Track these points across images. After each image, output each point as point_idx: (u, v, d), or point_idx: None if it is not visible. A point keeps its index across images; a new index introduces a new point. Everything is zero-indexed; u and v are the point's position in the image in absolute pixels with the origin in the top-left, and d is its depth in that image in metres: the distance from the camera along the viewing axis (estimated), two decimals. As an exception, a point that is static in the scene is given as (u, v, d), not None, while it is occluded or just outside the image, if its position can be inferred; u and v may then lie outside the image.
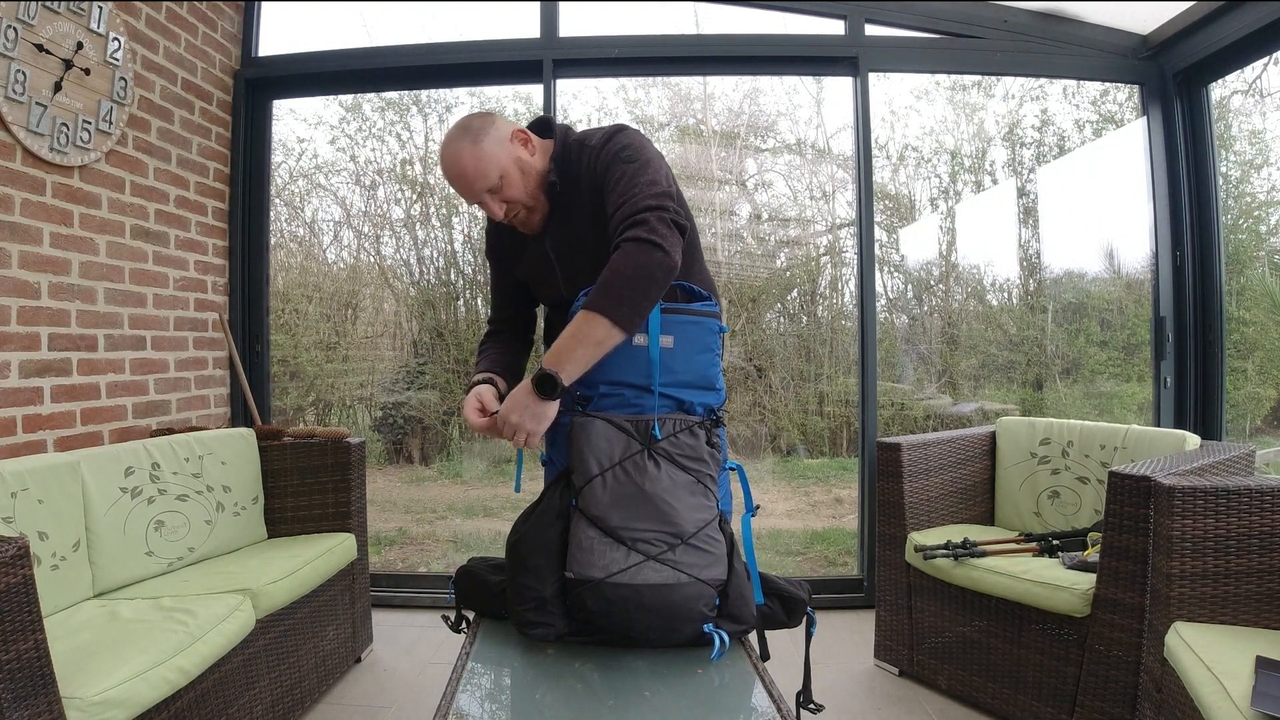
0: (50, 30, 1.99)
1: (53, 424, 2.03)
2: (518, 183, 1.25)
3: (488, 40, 2.87)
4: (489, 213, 1.27)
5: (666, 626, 1.08)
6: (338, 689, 2.17)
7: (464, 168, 1.23)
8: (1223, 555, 1.38)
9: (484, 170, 1.22)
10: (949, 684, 2.06)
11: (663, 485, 1.12)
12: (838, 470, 3.90)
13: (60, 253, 2.07)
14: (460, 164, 1.23)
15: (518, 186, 1.25)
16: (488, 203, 1.26)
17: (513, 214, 1.29)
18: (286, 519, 2.31)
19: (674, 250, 1.10)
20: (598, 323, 1.08)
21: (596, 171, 1.23)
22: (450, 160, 1.24)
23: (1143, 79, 2.81)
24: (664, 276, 1.09)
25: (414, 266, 3.96)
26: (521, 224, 1.31)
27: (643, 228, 1.10)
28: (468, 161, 1.22)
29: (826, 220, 3.94)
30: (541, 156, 1.29)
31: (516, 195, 1.26)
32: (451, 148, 1.24)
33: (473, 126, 1.24)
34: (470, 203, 1.28)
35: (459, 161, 1.23)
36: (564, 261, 1.32)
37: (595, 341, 1.09)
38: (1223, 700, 1.11)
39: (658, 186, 1.15)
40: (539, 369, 1.12)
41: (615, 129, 1.26)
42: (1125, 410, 3.43)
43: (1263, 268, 3.11)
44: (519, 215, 1.29)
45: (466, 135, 1.23)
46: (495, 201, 1.26)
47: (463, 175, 1.23)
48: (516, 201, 1.27)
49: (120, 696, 1.26)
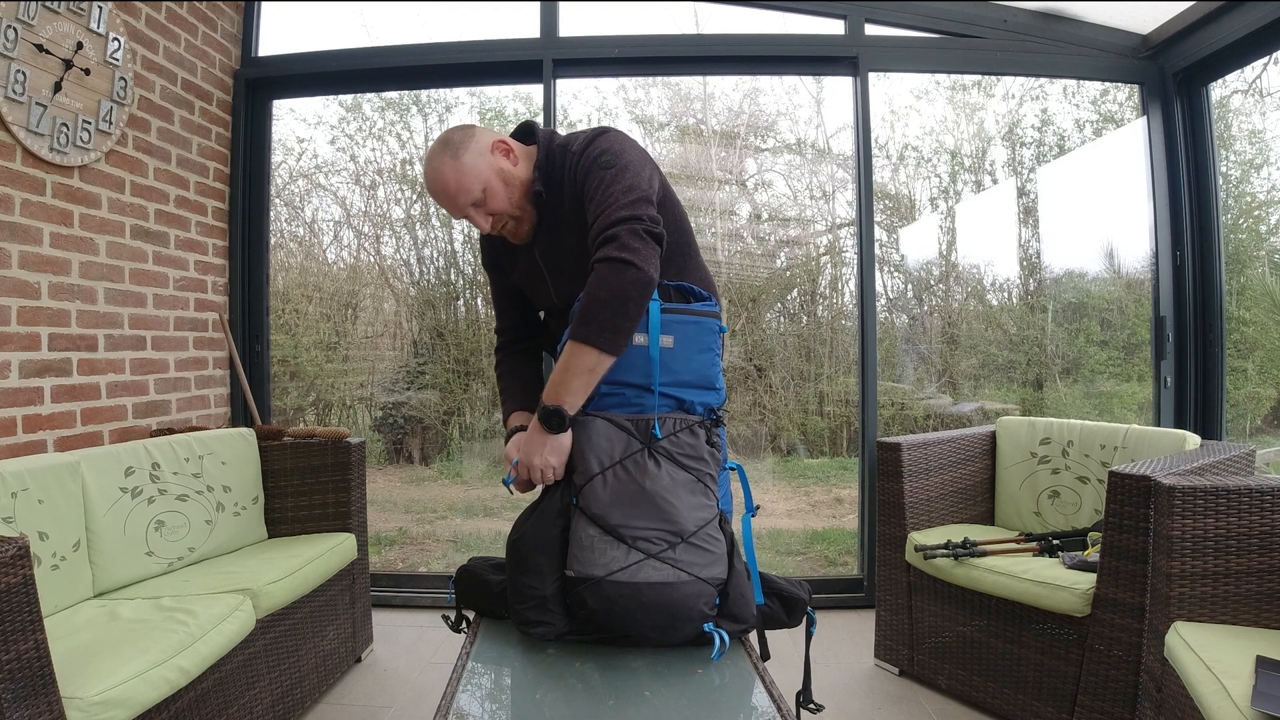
0: (50, 30, 1.99)
1: (53, 424, 2.03)
2: (501, 194, 1.24)
3: (488, 40, 2.87)
4: (476, 226, 1.27)
5: (666, 625, 1.09)
6: (338, 689, 2.17)
7: (446, 183, 1.22)
8: (1223, 555, 1.38)
9: (466, 185, 1.21)
10: (949, 684, 2.06)
11: (663, 484, 1.13)
12: (838, 470, 3.90)
13: (60, 253, 2.07)
14: (443, 179, 1.22)
15: (501, 198, 1.24)
16: (473, 216, 1.25)
17: (500, 225, 1.28)
18: (286, 519, 2.31)
19: (648, 263, 1.09)
20: (586, 352, 1.09)
21: (578, 179, 1.22)
22: (433, 177, 1.23)
23: (1143, 79, 2.81)
24: (640, 293, 1.09)
25: (414, 266, 3.97)
26: (510, 234, 1.30)
27: (613, 245, 1.09)
28: (449, 176, 1.22)
29: (826, 220, 3.94)
30: (526, 164, 1.28)
31: (501, 207, 1.24)
32: (433, 164, 1.23)
33: (453, 141, 1.23)
34: (456, 217, 1.27)
35: (441, 177, 1.22)
36: (554, 270, 1.31)
37: (587, 370, 1.11)
38: (1223, 700, 1.11)
39: (634, 193, 1.14)
40: (541, 407, 1.14)
41: (597, 132, 1.25)
42: (1125, 410, 3.43)
43: (1263, 267, 3.11)
44: (506, 226, 1.29)
45: (447, 150, 1.22)
46: (480, 215, 1.25)
47: (445, 191, 1.23)
48: (501, 213, 1.26)
49: (120, 696, 1.26)
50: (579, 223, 1.22)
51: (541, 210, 1.28)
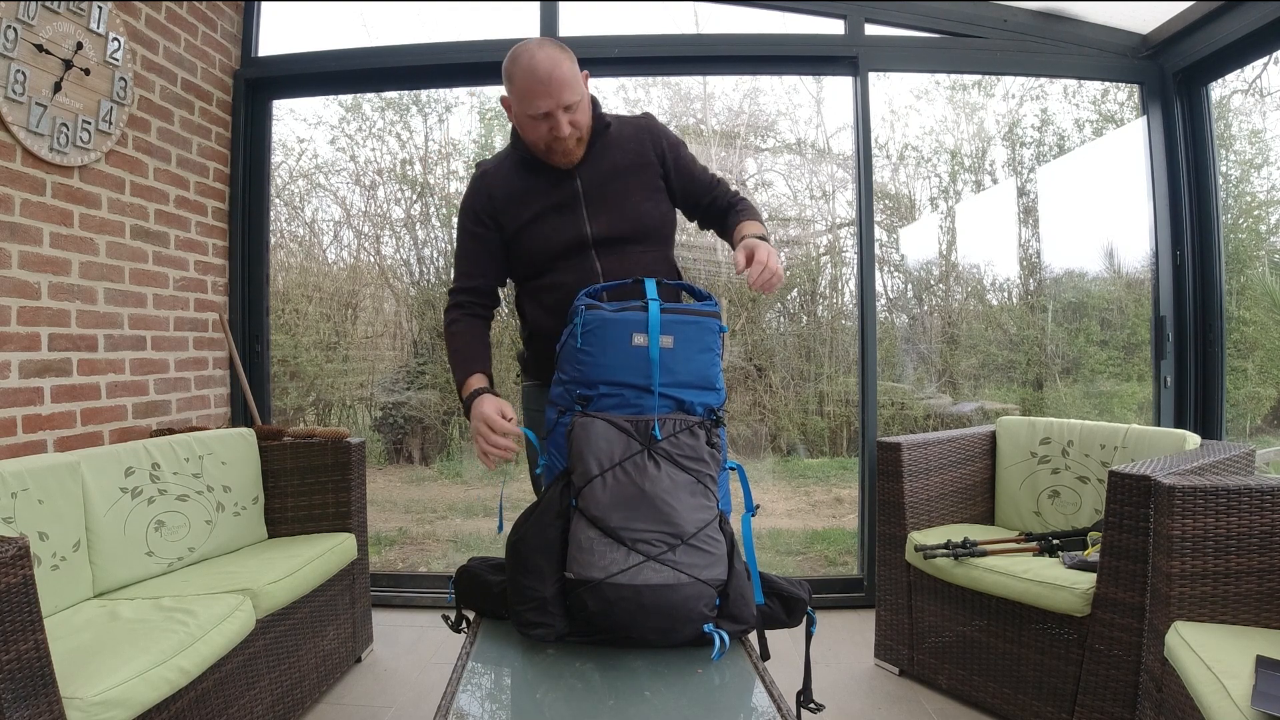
0: (50, 30, 1.99)
1: (53, 424, 2.03)
2: (586, 111, 1.34)
3: (487, 40, 2.87)
4: (554, 127, 1.29)
5: (667, 627, 1.08)
6: (338, 689, 2.17)
7: (564, 75, 1.26)
8: (1223, 555, 1.38)
9: (575, 85, 1.29)
10: (949, 683, 2.06)
11: (663, 485, 1.12)
12: (838, 470, 3.89)
13: (60, 253, 2.07)
14: (560, 70, 1.26)
15: (585, 114, 1.34)
16: (559, 117, 1.28)
17: (572, 138, 1.33)
18: (286, 519, 2.31)
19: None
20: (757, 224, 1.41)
21: (655, 137, 1.43)
22: (548, 63, 1.26)
23: (1143, 78, 2.80)
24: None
25: (414, 266, 3.96)
26: (566, 153, 1.34)
27: (749, 203, 1.49)
28: (567, 70, 1.27)
29: (826, 220, 3.94)
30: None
31: (583, 121, 1.33)
32: (548, 51, 1.27)
33: (562, 47, 1.29)
34: (543, 109, 1.28)
35: (559, 67, 1.26)
36: (592, 197, 1.38)
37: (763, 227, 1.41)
38: (1223, 700, 1.11)
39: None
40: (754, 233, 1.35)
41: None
42: (1125, 410, 3.43)
43: (1263, 267, 3.11)
44: (572, 141, 1.33)
45: (561, 50, 1.28)
46: (565, 119, 1.29)
47: (561, 80, 1.26)
48: (580, 126, 1.33)
49: (120, 696, 1.26)
50: (630, 162, 1.40)
51: (593, 143, 1.38)
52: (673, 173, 1.45)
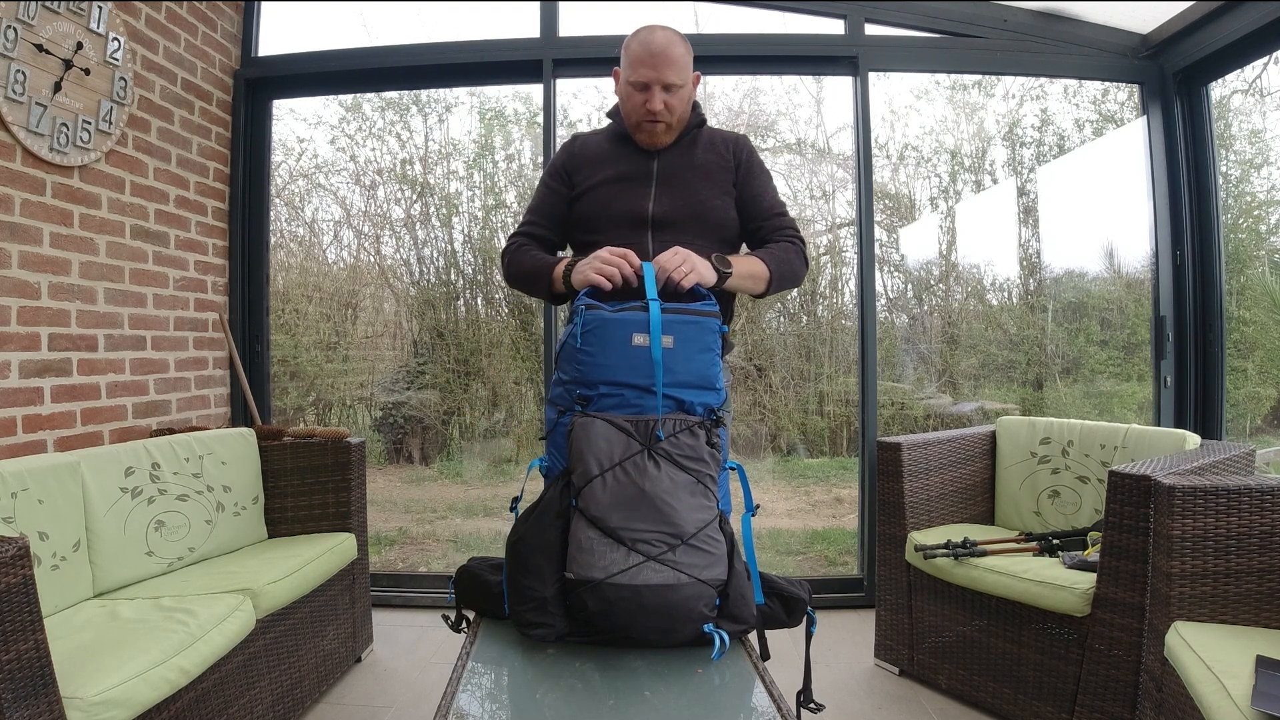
0: (50, 30, 1.99)
1: (53, 424, 2.03)
2: (685, 102, 1.40)
3: (487, 40, 2.87)
4: (649, 100, 1.35)
5: (667, 627, 1.08)
6: (338, 689, 2.17)
7: (674, 55, 1.33)
8: (1223, 555, 1.38)
9: (681, 69, 1.35)
10: (949, 683, 2.06)
11: (663, 486, 1.12)
12: (838, 470, 3.89)
13: (60, 253, 2.07)
14: (672, 50, 1.33)
15: (683, 105, 1.40)
16: (655, 92, 1.34)
17: (665, 118, 1.38)
18: (286, 519, 2.31)
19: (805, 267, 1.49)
20: (760, 265, 1.39)
21: (740, 146, 1.48)
22: (664, 40, 1.33)
23: (1143, 78, 2.80)
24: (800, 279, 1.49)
25: (414, 266, 3.96)
26: (652, 134, 1.40)
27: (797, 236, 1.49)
28: (677, 54, 1.34)
29: (826, 220, 3.94)
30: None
31: (678, 108, 1.39)
32: (667, 33, 1.35)
33: (684, 39, 1.37)
34: (644, 79, 1.34)
35: (672, 46, 1.33)
36: (664, 179, 1.42)
37: (752, 274, 1.39)
38: (1223, 700, 1.11)
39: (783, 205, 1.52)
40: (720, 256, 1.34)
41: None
42: (1125, 410, 3.43)
43: (1263, 267, 3.11)
44: (664, 122, 1.38)
45: (681, 39, 1.36)
46: (663, 98, 1.35)
47: (668, 59, 1.33)
48: (674, 111, 1.37)
49: (120, 696, 1.26)
50: (709, 166, 1.44)
51: (682, 137, 1.45)
52: (741, 184, 1.48)
